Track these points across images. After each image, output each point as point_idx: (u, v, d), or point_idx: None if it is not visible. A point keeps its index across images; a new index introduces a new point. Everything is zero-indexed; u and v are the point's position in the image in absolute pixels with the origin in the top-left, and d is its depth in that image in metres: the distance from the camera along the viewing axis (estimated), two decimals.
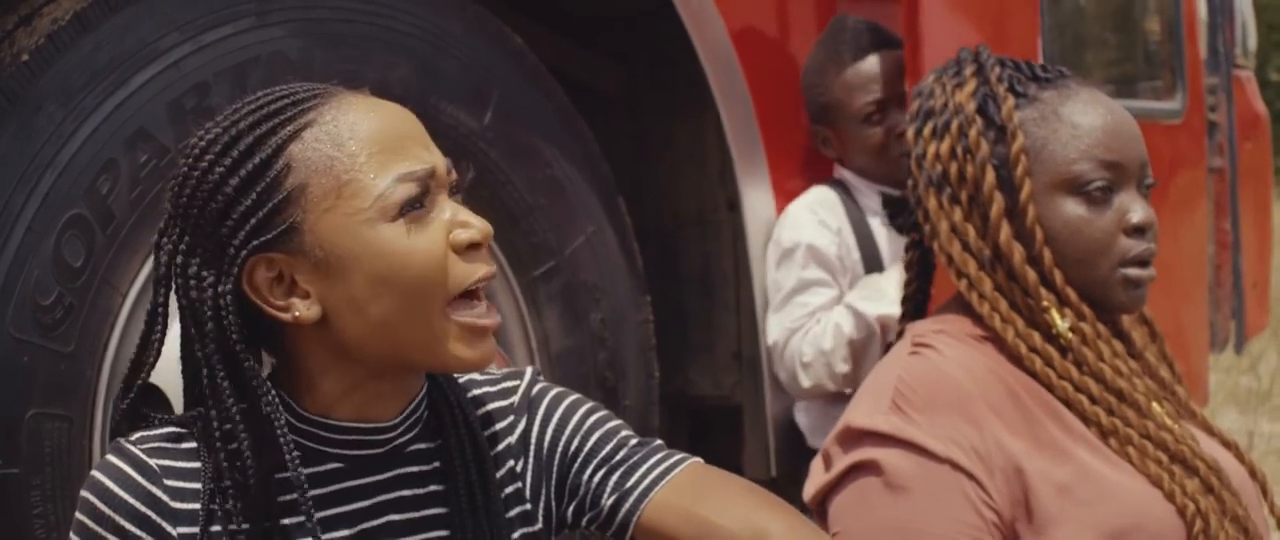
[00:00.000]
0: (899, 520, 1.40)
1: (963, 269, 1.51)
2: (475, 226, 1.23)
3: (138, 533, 1.22)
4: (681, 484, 1.30)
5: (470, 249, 1.23)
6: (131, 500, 1.22)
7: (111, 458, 1.24)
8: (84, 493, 1.24)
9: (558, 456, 1.34)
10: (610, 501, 1.31)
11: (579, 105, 2.45)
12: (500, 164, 2.30)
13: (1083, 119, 1.48)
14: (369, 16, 2.12)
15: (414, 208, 1.20)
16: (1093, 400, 1.46)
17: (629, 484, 1.31)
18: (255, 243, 1.20)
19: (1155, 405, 1.48)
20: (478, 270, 1.23)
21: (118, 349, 1.85)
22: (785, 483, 2.51)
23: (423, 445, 1.31)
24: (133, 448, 1.24)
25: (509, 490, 1.34)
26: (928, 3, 2.29)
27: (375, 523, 1.28)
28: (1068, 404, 1.46)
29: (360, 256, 1.20)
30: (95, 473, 1.24)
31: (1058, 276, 1.47)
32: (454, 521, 1.29)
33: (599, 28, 2.93)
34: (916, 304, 1.63)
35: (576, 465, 1.33)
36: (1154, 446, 1.44)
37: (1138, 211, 1.48)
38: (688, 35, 2.50)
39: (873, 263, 2.45)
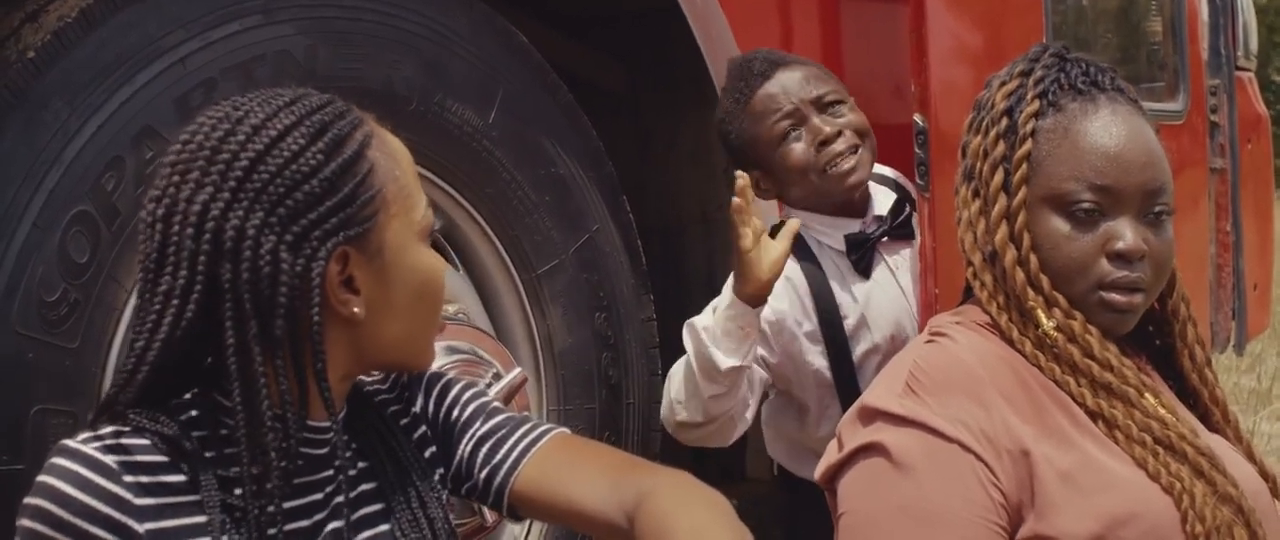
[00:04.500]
0: (906, 499, 1.42)
1: (970, 259, 1.56)
2: (440, 256, 1.37)
3: (103, 534, 1.17)
4: (544, 459, 1.39)
5: None
6: (92, 502, 1.16)
7: (61, 461, 1.18)
8: (35, 500, 1.17)
9: (441, 425, 1.43)
10: (484, 474, 1.40)
11: (583, 104, 2.45)
12: (505, 162, 2.30)
13: (1087, 139, 1.50)
14: (375, 14, 2.12)
15: (431, 233, 1.33)
16: (1078, 386, 1.49)
17: (497, 458, 1.40)
18: (345, 233, 1.24)
19: (1147, 398, 1.49)
20: None
21: (123, 346, 1.85)
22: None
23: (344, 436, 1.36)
24: (83, 447, 1.19)
25: (427, 453, 1.42)
26: (932, 4, 2.29)
27: (324, 513, 1.30)
28: (1060, 387, 1.49)
29: (410, 268, 1.30)
30: (45, 478, 1.18)
31: (1044, 282, 1.50)
32: (386, 493, 1.35)
33: (602, 26, 2.93)
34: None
35: (454, 432, 1.42)
36: (1138, 430, 1.46)
37: (1126, 239, 1.48)
38: (692, 34, 2.50)
39: (832, 321, 2.18)
